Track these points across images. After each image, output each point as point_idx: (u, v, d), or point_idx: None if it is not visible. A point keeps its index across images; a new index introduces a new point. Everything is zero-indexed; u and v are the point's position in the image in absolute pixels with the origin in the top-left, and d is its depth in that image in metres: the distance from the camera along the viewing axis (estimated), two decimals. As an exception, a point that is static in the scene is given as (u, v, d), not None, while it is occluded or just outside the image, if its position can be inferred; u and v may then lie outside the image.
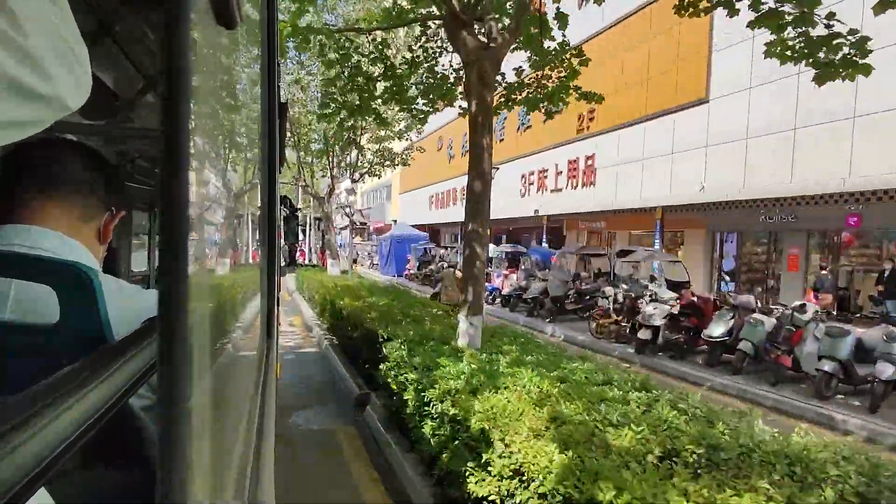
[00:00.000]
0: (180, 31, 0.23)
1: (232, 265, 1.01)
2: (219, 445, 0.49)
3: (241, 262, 1.10)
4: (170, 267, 0.23)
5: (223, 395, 0.65)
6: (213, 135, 0.76)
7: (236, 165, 1.07)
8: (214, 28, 0.44)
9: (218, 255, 0.69)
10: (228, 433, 0.61)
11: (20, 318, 0.78)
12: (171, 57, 0.23)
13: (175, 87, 0.23)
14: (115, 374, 0.52)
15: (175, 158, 0.24)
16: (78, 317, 0.78)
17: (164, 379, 0.23)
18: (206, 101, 0.53)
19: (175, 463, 0.24)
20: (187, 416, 0.24)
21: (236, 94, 0.72)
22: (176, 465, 0.24)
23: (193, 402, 0.28)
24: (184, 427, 0.24)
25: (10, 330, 0.77)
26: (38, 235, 0.85)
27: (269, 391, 1.29)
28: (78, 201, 0.92)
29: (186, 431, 0.24)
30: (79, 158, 0.91)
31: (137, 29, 1.87)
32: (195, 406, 0.32)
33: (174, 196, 0.23)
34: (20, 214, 0.85)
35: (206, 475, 0.38)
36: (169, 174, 0.23)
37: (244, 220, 1.07)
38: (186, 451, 0.24)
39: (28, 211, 0.86)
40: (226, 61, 0.54)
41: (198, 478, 0.32)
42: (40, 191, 0.87)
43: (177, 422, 0.23)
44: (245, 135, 1.02)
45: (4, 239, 0.82)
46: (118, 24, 1.88)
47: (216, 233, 0.66)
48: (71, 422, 0.38)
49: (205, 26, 0.36)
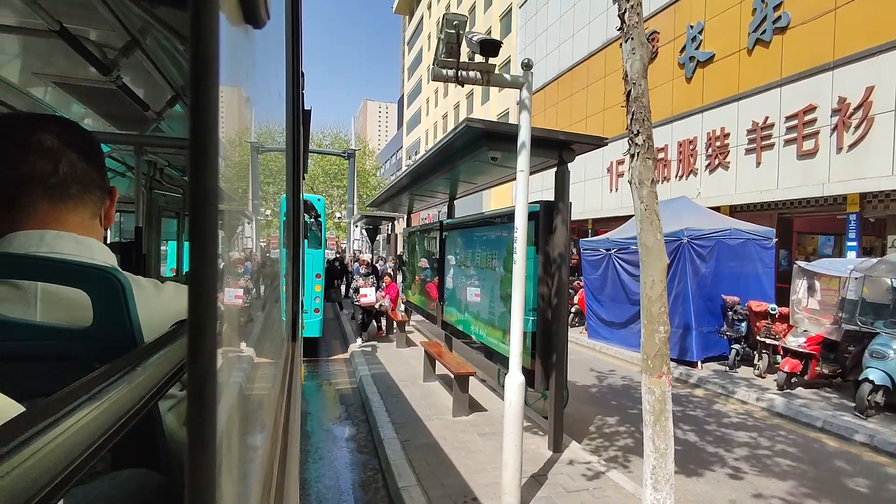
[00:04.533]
0: (208, 25, 0.22)
1: (259, 270, 1.01)
2: (247, 447, 0.48)
3: (267, 268, 1.11)
4: (199, 273, 0.23)
5: (251, 398, 0.65)
6: (242, 136, 0.77)
7: (263, 171, 1.08)
8: (242, 28, 0.44)
9: (246, 260, 0.70)
10: (256, 435, 0.61)
11: (50, 322, 0.80)
12: (199, 51, 0.23)
13: (204, 83, 0.23)
14: (143, 376, 0.52)
15: (203, 162, 0.23)
16: (110, 320, 0.79)
17: (193, 381, 0.22)
18: (234, 102, 0.54)
19: (205, 465, 0.23)
20: (216, 418, 0.23)
21: (263, 97, 0.73)
22: (206, 467, 0.23)
23: (223, 405, 0.28)
24: (213, 429, 0.23)
25: (41, 333, 0.78)
26: (52, 239, 0.84)
27: (295, 394, 1.30)
28: (88, 199, 0.91)
29: (216, 433, 0.23)
30: (77, 152, 0.88)
31: (166, 41, 1.92)
32: (224, 408, 0.31)
33: (203, 201, 0.23)
34: (31, 222, 0.84)
35: (234, 477, 0.38)
36: (198, 177, 0.23)
37: (270, 226, 1.08)
38: (216, 454, 0.24)
39: (38, 217, 0.85)
40: (252, 64, 0.55)
41: (227, 480, 0.31)
42: (51, 200, 0.86)
43: (207, 423, 0.23)
44: (271, 140, 1.02)
45: (20, 246, 0.82)
46: (147, 37, 1.94)
47: (244, 239, 0.67)
48: (101, 423, 0.39)
49: (233, 23, 0.36)
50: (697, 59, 13.54)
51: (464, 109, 35.95)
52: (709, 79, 13.34)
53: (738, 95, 12.33)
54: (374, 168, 42.89)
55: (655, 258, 3.44)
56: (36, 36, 1.88)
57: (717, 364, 9.27)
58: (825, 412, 6.60)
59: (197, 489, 0.23)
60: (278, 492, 0.70)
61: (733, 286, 9.35)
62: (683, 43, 14.08)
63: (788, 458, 5.41)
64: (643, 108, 3.44)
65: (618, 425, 6.37)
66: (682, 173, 14.13)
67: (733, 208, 12.51)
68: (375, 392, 7.28)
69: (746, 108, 12.14)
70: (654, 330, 3.41)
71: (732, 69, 12.54)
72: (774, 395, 7.41)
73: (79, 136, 0.91)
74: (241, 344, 0.48)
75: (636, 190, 3.50)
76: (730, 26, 12.55)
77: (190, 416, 0.23)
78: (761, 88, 11.72)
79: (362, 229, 22.19)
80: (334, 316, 15.42)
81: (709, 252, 9.25)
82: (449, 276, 8.21)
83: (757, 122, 11.75)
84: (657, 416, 3.38)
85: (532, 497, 4.23)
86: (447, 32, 3.71)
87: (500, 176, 7.43)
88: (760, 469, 5.13)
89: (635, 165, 3.49)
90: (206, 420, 0.23)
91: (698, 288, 9.17)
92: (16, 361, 0.76)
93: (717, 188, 12.90)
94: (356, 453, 5.63)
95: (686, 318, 9.12)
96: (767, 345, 8.39)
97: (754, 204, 12.07)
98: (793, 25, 10.99)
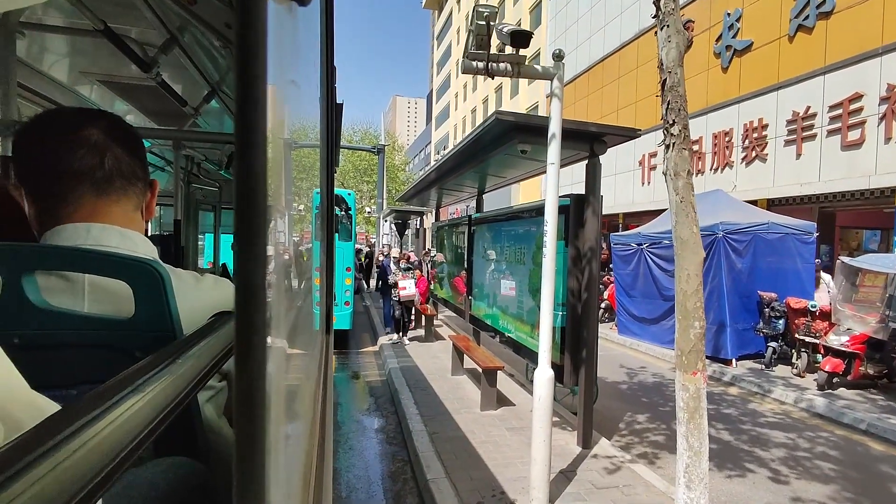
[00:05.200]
0: (258, 10, 0.22)
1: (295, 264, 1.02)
2: (289, 439, 0.49)
3: (302, 261, 1.12)
4: (247, 265, 0.22)
5: (291, 390, 0.65)
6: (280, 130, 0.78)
7: (297, 165, 1.09)
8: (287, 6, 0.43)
9: (284, 253, 0.70)
10: (297, 426, 0.61)
11: (96, 313, 0.83)
12: (246, 39, 0.22)
13: (251, 73, 0.22)
14: (185, 367, 0.53)
15: (251, 152, 0.23)
16: (151, 311, 0.82)
17: (241, 374, 0.22)
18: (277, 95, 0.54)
19: (254, 457, 0.23)
20: (265, 411, 0.23)
21: (302, 90, 0.73)
22: (255, 458, 0.23)
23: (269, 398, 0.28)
24: (262, 422, 0.23)
25: (88, 323, 0.81)
26: (98, 232, 0.87)
27: (329, 386, 1.31)
28: (131, 192, 0.94)
29: (265, 426, 0.23)
30: (122, 147, 0.91)
31: (203, 38, 1.95)
32: (270, 401, 0.31)
33: (251, 193, 0.22)
34: (78, 217, 0.87)
35: (279, 467, 0.38)
36: (246, 168, 0.22)
37: (304, 220, 1.09)
38: (264, 446, 0.24)
39: (85, 213, 0.88)
40: (294, 55, 0.54)
41: (273, 470, 0.31)
42: (97, 193, 0.89)
43: (256, 417, 0.22)
44: (306, 133, 1.03)
45: (68, 239, 0.85)
46: (186, 34, 1.98)
47: (284, 232, 0.67)
48: (146, 414, 0.39)
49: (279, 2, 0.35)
50: (734, 48, 13.09)
51: (493, 103, 35.70)
52: (746, 68, 12.87)
53: (778, 85, 11.87)
54: (403, 163, 43.08)
55: (691, 252, 3.35)
56: (82, 35, 1.95)
57: (753, 362, 8.99)
58: (870, 414, 6.32)
59: (246, 481, 0.23)
60: (318, 482, 0.71)
61: (771, 282, 8.99)
62: (720, 31, 13.61)
63: (829, 461, 5.21)
64: (679, 97, 3.34)
65: (648, 422, 6.26)
66: (717, 166, 13.71)
67: (771, 202, 12.05)
68: (404, 384, 7.34)
69: (786, 98, 11.67)
70: (688, 325, 3.33)
71: (772, 57, 12.08)
72: (814, 395, 7.15)
73: (123, 131, 0.94)
74: (283, 337, 0.48)
75: (671, 182, 3.41)
76: (769, 13, 12.09)
77: (238, 408, 0.22)
78: (803, 77, 11.25)
79: (391, 224, 22.33)
80: (363, 309, 15.62)
81: (745, 247, 8.91)
82: (477, 271, 8.19)
83: (798, 113, 11.29)
84: (691, 414, 3.31)
85: (561, 493, 4.20)
86: (477, 24, 3.68)
87: (529, 169, 7.35)
88: (799, 471, 4.96)
89: (670, 156, 3.40)
90: (256, 413, 0.22)
91: (734, 284, 8.86)
92: (65, 349, 0.79)
93: (753, 181, 12.46)
94: (385, 444, 5.69)
95: (721, 315, 8.84)
96: (807, 343, 8.08)
97: (794, 197, 11.63)
98: (838, 10, 10.52)
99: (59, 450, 0.28)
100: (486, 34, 3.74)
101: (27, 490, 0.24)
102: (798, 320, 8.22)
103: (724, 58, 13.45)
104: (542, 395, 3.96)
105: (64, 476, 0.26)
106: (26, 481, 0.24)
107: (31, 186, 0.87)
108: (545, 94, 24.22)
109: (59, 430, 0.29)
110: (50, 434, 0.28)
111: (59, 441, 0.28)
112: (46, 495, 0.24)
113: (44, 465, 0.26)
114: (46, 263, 0.82)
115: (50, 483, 0.25)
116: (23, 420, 0.43)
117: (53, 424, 0.30)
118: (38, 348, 0.76)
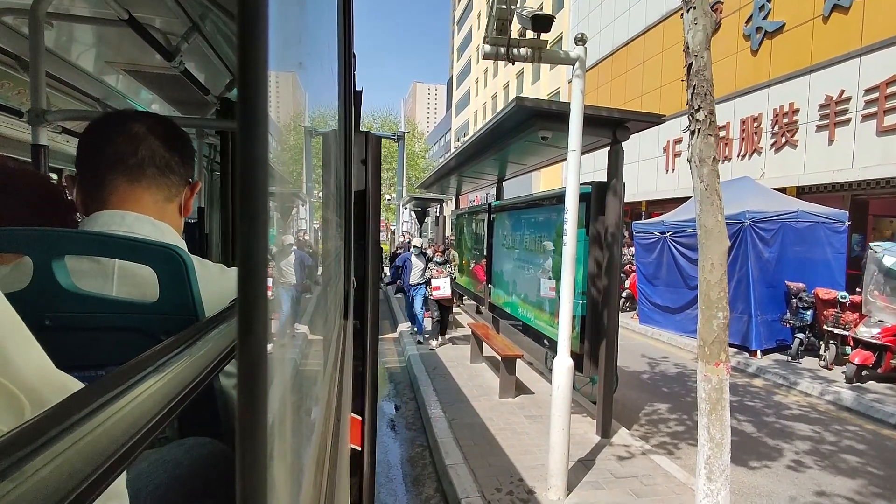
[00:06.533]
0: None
1: (314, 249, 1.04)
2: (300, 420, 0.50)
3: (320, 245, 1.13)
4: (249, 251, 0.22)
5: (305, 373, 0.66)
6: (297, 117, 0.78)
7: (316, 151, 1.10)
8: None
9: (300, 239, 0.71)
10: (311, 408, 0.62)
11: (123, 296, 0.86)
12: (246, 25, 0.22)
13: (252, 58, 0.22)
14: (204, 349, 0.54)
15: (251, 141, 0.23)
16: (174, 295, 0.84)
17: (244, 358, 0.22)
18: (289, 82, 0.54)
19: (256, 434, 0.23)
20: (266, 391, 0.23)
21: (318, 76, 0.73)
22: (257, 436, 0.23)
23: (277, 379, 0.28)
24: (264, 403, 0.23)
25: (116, 306, 0.84)
26: (132, 221, 0.93)
27: (347, 370, 1.33)
28: (162, 183, 0.98)
29: (266, 407, 0.23)
30: (160, 141, 0.97)
31: (224, 26, 1.97)
32: (278, 382, 0.32)
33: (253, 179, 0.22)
34: (112, 201, 0.93)
35: (286, 450, 0.38)
36: (249, 156, 0.23)
37: (325, 207, 1.09)
38: (266, 425, 0.24)
39: (118, 198, 0.94)
40: (308, 41, 0.54)
41: (278, 450, 0.32)
42: (129, 179, 0.94)
43: (258, 398, 0.23)
44: (325, 120, 1.03)
45: (104, 225, 0.91)
46: (207, 22, 2.00)
47: (298, 218, 0.68)
48: (166, 393, 0.40)
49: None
50: (765, 30, 12.58)
51: (513, 89, 35.26)
52: (777, 51, 12.39)
53: (810, 68, 11.40)
54: (423, 150, 42.98)
55: (715, 241, 3.28)
56: (107, 25, 1.98)
57: (779, 354, 8.80)
58: (900, 408, 6.16)
59: (247, 468, 0.23)
60: (332, 463, 0.72)
61: (799, 272, 8.73)
62: (749, 13, 13.10)
63: (856, 455, 5.10)
64: (705, 81, 3.25)
65: (669, 413, 6.20)
66: (744, 152, 13.31)
67: (801, 189, 11.67)
68: (423, 371, 7.40)
69: (819, 82, 11.22)
70: (712, 315, 3.27)
71: (804, 39, 11.58)
72: (842, 387, 6.97)
73: (165, 127, 0.99)
74: (297, 320, 0.49)
75: (696, 169, 3.33)
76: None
77: (241, 389, 0.23)
78: (837, 59, 10.76)
79: (411, 211, 22.35)
80: (383, 296, 15.73)
81: (773, 236, 8.65)
82: (497, 259, 8.16)
83: (831, 97, 10.85)
84: (713, 405, 3.26)
85: (579, 481, 4.20)
86: (498, 8, 3.62)
87: (550, 156, 7.26)
88: (824, 465, 4.86)
89: (695, 143, 3.31)
90: (258, 394, 0.23)
91: (760, 273, 8.62)
92: (94, 331, 0.82)
93: (782, 168, 12.07)
94: (405, 429, 5.76)
95: (746, 305, 8.64)
96: (835, 335, 7.86)
97: (825, 185, 11.21)
98: (876, -12, 10.04)
99: (81, 426, 0.29)
100: (507, 18, 3.68)
101: (49, 463, 0.24)
102: (827, 311, 7.99)
103: (754, 40, 12.99)
104: (561, 383, 3.95)
105: (85, 451, 0.27)
106: (48, 455, 0.25)
107: (79, 172, 0.95)
108: (567, 79, 23.84)
109: (80, 407, 0.30)
110: (72, 411, 0.29)
111: (80, 417, 0.29)
112: (68, 469, 0.25)
113: (66, 440, 0.27)
114: (75, 248, 0.84)
115: (72, 457, 0.26)
116: (50, 399, 0.45)
117: (75, 402, 0.31)
118: (67, 330, 0.79)
